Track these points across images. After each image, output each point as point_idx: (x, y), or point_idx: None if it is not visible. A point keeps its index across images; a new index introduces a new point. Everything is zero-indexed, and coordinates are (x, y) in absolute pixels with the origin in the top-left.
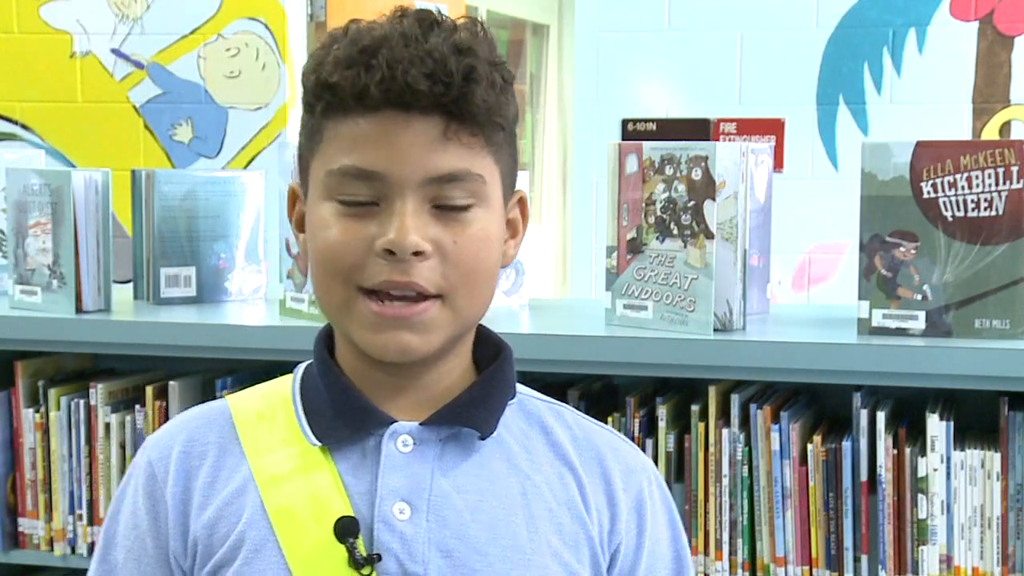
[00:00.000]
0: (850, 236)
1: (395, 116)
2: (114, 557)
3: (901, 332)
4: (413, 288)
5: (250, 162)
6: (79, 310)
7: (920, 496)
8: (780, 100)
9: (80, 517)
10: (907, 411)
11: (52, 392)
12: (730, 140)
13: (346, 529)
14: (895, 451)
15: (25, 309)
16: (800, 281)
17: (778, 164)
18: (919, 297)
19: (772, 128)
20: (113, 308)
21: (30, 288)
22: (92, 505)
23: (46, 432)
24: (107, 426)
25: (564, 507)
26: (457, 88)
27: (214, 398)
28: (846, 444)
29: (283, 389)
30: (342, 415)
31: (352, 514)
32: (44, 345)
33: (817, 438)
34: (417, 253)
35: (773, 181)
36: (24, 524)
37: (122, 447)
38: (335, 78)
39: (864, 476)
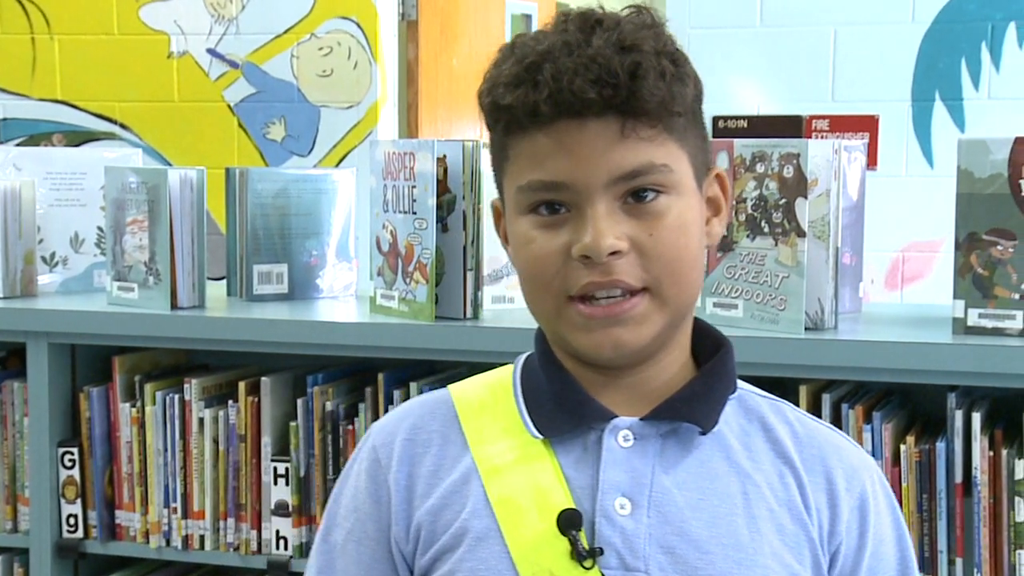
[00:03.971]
0: (945, 234)
1: (569, 125)
2: (334, 538)
3: (998, 332)
4: (617, 286)
5: (341, 160)
6: (174, 306)
7: (1017, 499)
8: (874, 97)
9: (175, 510)
10: (1004, 412)
11: (148, 387)
12: (822, 137)
13: (569, 521)
14: (991, 453)
15: (122, 305)
16: (894, 280)
17: (872, 161)
18: (1017, 296)
19: (866, 125)
20: (207, 304)
21: (127, 284)
22: (186, 499)
23: (142, 426)
24: (201, 421)
25: (784, 507)
26: (625, 87)
27: (305, 394)
28: (940, 445)
29: (504, 379)
30: (563, 408)
31: (575, 507)
32: (140, 341)
33: (910, 439)
34: (614, 253)
35: (866, 178)
36: (121, 516)
37: (215, 442)
38: (507, 100)
39: (959, 478)
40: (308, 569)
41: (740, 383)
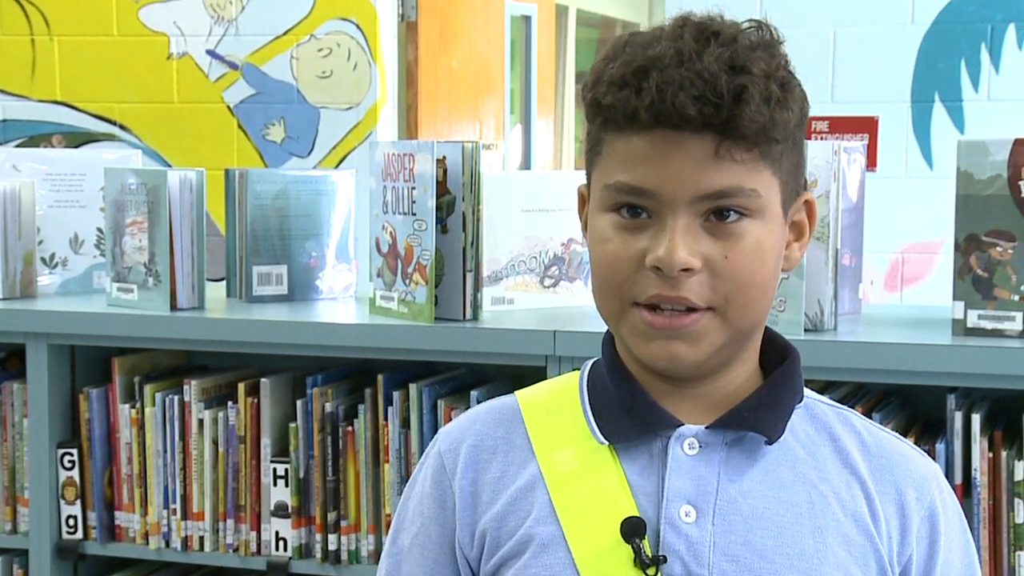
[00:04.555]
0: (945, 236)
1: (667, 135)
2: (402, 542)
3: (997, 333)
4: (683, 303)
5: (341, 161)
6: (173, 307)
7: (1017, 500)
8: (874, 98)
9: (174, 512)
10: (1003, 413)
11: (147, 388)
12: (822, 138)
13: (633, 529)
14: (991, 454)
15: (122, 306)
16: (893, 281)
17: (871, 163)
18: (1016, 298)
19: (865, 126)
20: (206, 306)
21: (127, 286)
22: (186, 500)
23: (141, 428)
24: (200, 422)
25: (851, 519)
26: (727, 109)
27: (305, 395)
28: (940, 446)
29: (570, 386)
30: (630, 415)
31: (639, 515)
32: (140, 342)
33: (910, 440)
34: (686, 270)
35: (866, 180)
36: (120, 517)
37: (215, 443)
38: (608, 99)
39: (958, 479)
40: (378, 572)
41: (807, 391)
